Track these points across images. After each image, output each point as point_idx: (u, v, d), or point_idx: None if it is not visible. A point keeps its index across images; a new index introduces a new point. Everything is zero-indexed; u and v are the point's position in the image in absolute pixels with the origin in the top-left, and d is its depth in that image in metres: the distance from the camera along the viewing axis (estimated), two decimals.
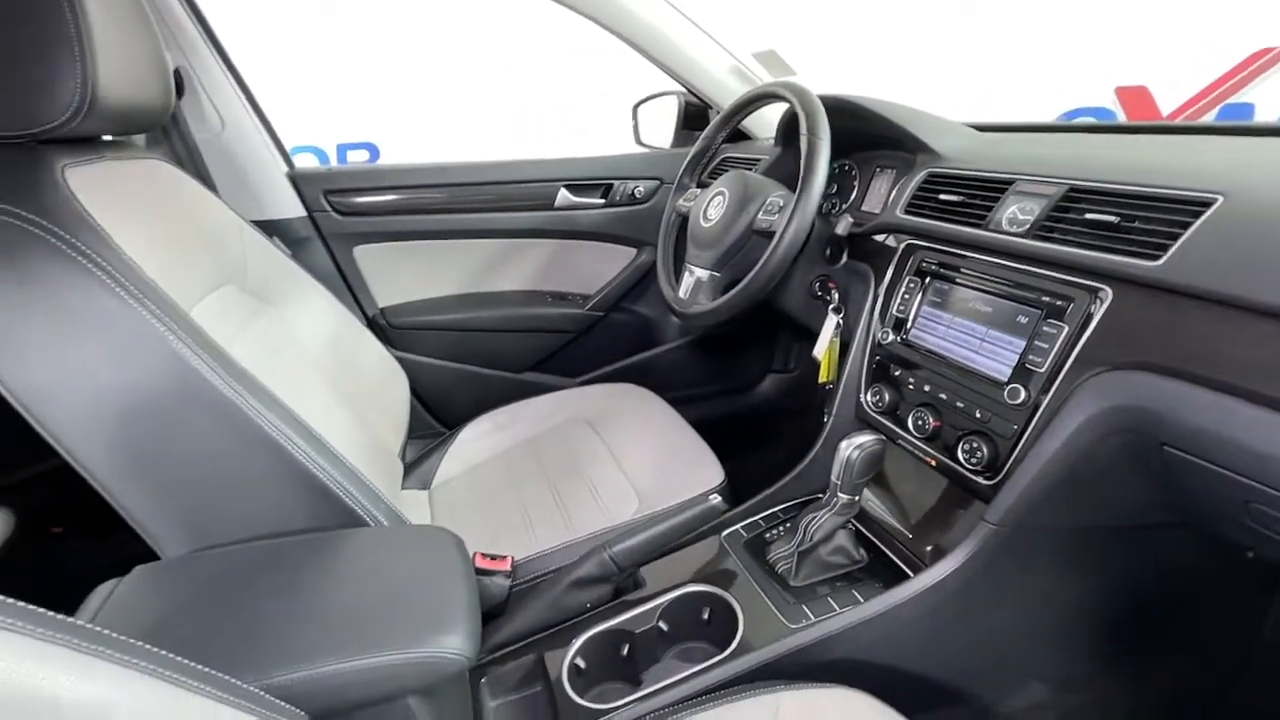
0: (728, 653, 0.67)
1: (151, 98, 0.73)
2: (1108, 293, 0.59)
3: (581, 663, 0.70)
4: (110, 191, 0.65)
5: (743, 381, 1.55)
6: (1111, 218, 0.60)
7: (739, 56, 1.26)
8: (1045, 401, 0.62)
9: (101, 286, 0.56)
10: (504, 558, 0.79)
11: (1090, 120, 2.80)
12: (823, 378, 0.96)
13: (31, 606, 0.31)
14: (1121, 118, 2.84)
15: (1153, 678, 0.80)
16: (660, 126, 1.46)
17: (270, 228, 1.12)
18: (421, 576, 0.58)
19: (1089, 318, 0.60)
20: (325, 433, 0.69)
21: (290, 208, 1.18)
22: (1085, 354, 0.60)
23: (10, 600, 0.31)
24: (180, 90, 1.05)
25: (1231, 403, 0.50)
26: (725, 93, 1.27)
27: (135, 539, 0.64)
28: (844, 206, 1.06)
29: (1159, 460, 0.55)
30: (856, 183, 1.06)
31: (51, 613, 0.32)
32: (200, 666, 0.38)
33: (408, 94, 3.50)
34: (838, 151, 1.03)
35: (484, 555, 0.78)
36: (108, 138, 0.77)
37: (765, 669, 0.65)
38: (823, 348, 0.95)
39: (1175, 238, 0.54)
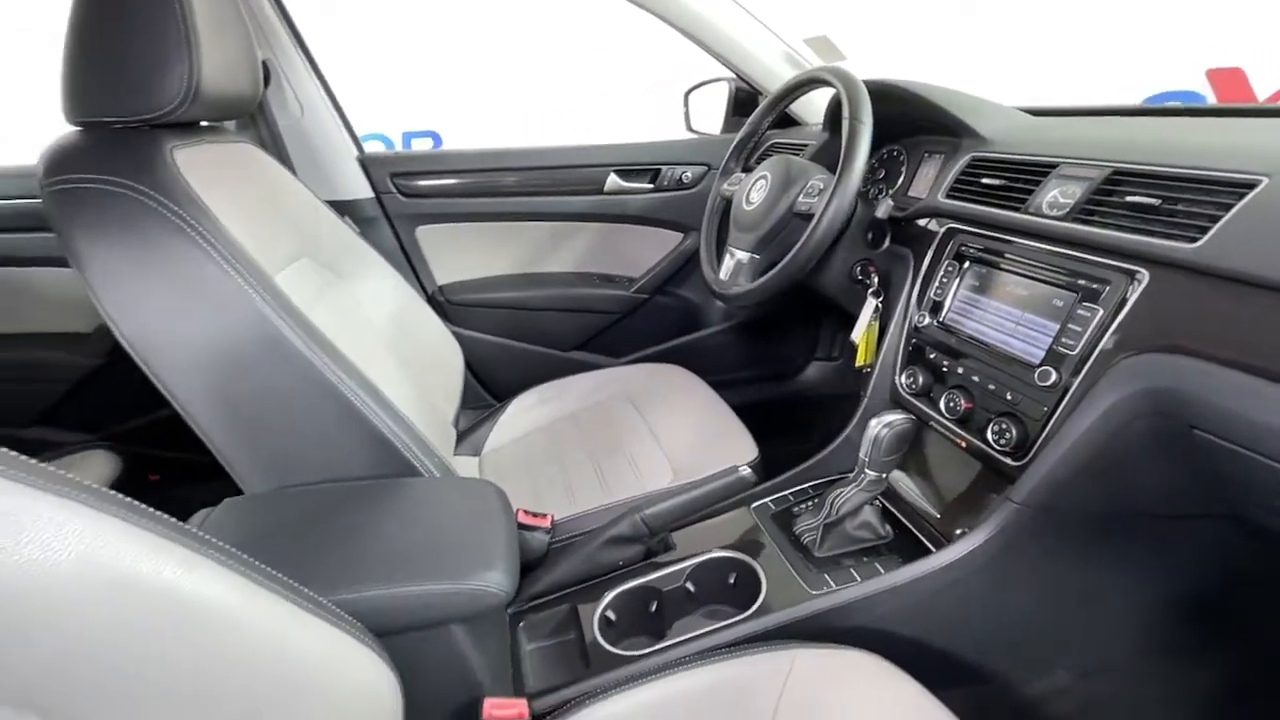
0: (749, 613, 0.70)
1: (244, 88, 0.81)
2: (1144, 275, 0.59)
3: (612, 615, 0.75)
4: (210, 171, 0.73)
5: (785, 368, 1.56)
6: (1153, 200, 0.60)
7: (790, 42, 1.26)
8: (1075, 384, 0.62)
9: (205, 255, 0.64)
10: (545, 515, 0.85)
11: (1180, 104, 2.63)
12: (860, 361, 0.97)
13: (154, 510, 0.38)
14: (1212, 101, 2.65)
15: (1190, 676, 0.78)
16: (710, 113, 1.48)
17: (341, 207, 1.21)
18: (468, 521, 0.64)
19: (1124, 301, 0.60)
20: (387, 394, 0.76)
21: (360, 189, 1.27)
22: (1118, 337, 0.60)
23: (139, 504, 0.38)
24: (266, 80, 1.15)
25: (1266, 387, 0.49)
26: (775, 79, 1.28)
27: (225, 486, 0.73)
28: (889, 191, 1.06)
29: (1189, 444, 0.55)
30: (904, 168, 1.05)
31: (167, 516, 0.39)
32: (282, 576, 0.45)
33: (467, 85, 3.61)
34: (886, 137, 1.04)
35: (526, 512, 0.84)
36: (205, 123, 0.87)
37: (784, 630, 0.68)
38: (860, 331, 0.96)
39: (1216, 220, 0.54)
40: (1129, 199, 0.62)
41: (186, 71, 0.69)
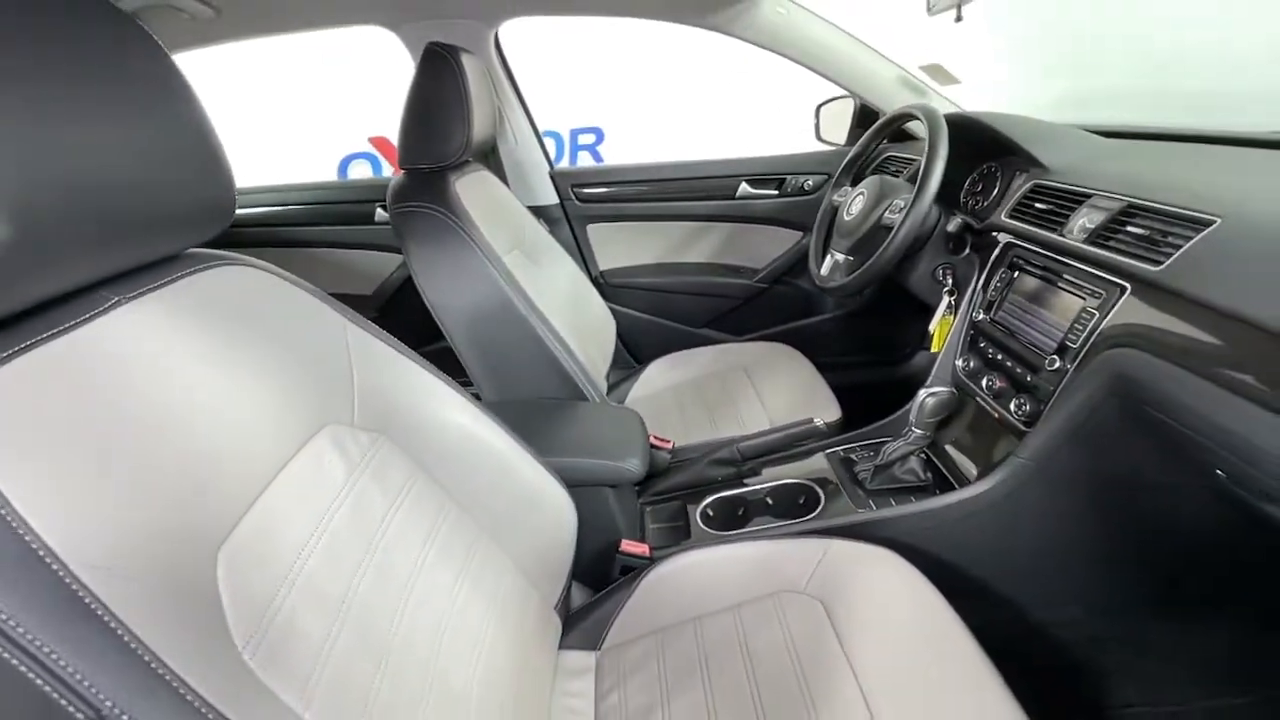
0: (806, 518, 0.98)
1: (489, 134, 1.22)
2: (1128, 289, 0.77)
3: (710, 512, 1.07)
4: (472, 193, 1.14)
5: (893, 355, 1.74)
6: (1145, 231, 0.77)
7: (906, 68, 1.44)
8: (1072, 369, 0.82)
9: (472, 250, 1.04)
10: (668, 440, 1.18)
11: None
12: (934, 348, 1.18)
13: (473, 397, 0.76)
14: None
15: (1190, 627, 0.92)
16: (837, 125, 1.69)
17: (537, 211, 1.62)
18: (619, 428, 0.99)
19: (1112, 308, 0.78)
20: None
21: (550, 197, 1.68)
22: (1104, 335, 0.78)
23: (469, 394, 0.76)
24: None
25: (1189, 377, 0.67)
26: (894, 100, 1.47)
27: None
28: (984, 203, 1.22)
29: (1144, 420, 0.73)
30: (999, 183, 1.22)
31: (481, 401, 0.77)
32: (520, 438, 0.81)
33: (627, 86, 3.98)
34: (985, 155, 1.21)
35: (656, 436, 1.18)
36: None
37: (829, 530, 0.95)
38: (935, 322, 1.16)
39: (1178, 249, 0.71)
40: (1129, 228, 0.79)
41: (465, 131, 1.09)
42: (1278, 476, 0.58)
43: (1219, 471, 0.67)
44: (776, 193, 1.65)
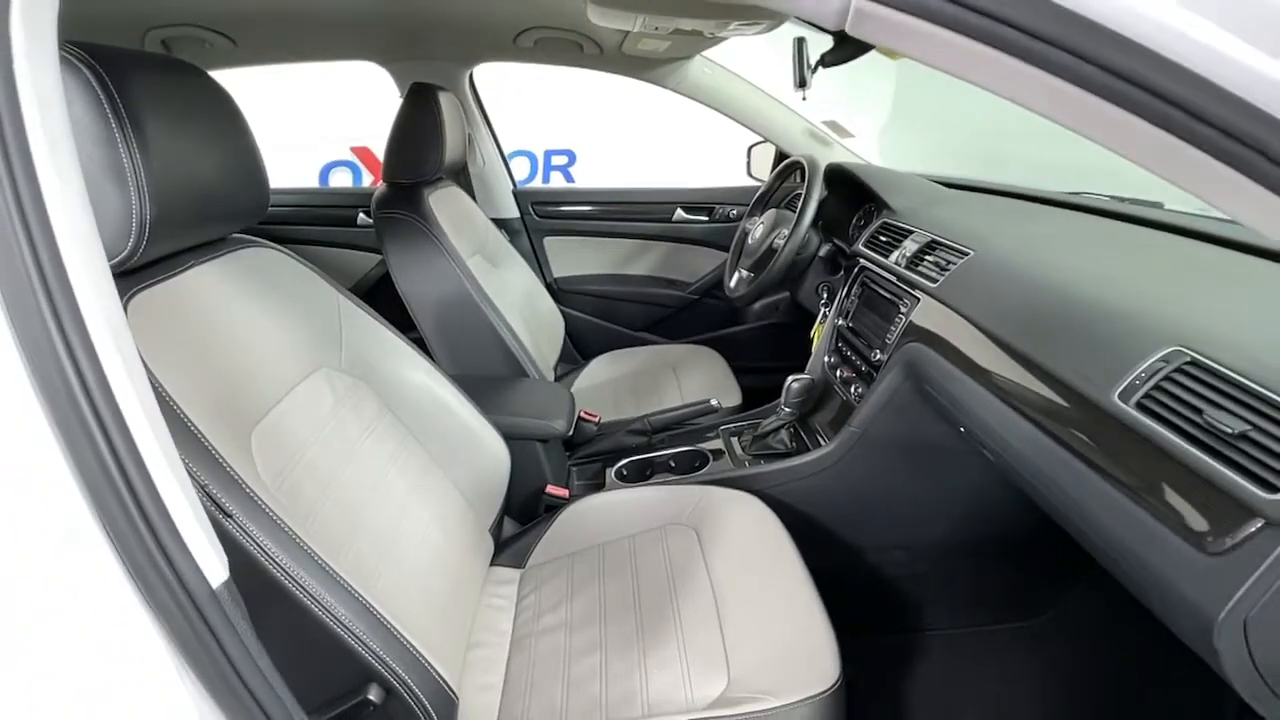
0: (694, 474, 1.24)
1: (459, 156, 1.47)
2: (920, 299, 1.05)
3: (624, 471, 1.31)
4: (441, 205, 1.39)
5: (800, 363, 2.03)
6: (937, 258, 1.06)
7: (812, 122, 1.75)
8: (886, 359, 1.09)
9: (439, 252, 1.29)
10: (596, 415, 1.43)
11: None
12: (813, 348, 1.46)
13: (433, 361, 1.01)
14: None
15: (987, 566, 1.20)
16: (763, 164, 1.99)
17: (500, 223, 1.87)
18: (549, 397, 1.24)
19: (911, 312, 1.06)
20: (520, 335, 1.38)
21: (512, 211, 1.93)
22: (905, 333, 1.06)
23: (432, 360, 1.01)
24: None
25: (946, 363, 0.94)
26: (801, 146, 1.78)
27: None
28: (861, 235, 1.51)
29: (928, 395, 1.01)
30: (875, 219, 1.51)
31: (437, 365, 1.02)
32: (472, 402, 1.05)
33: (602, 112, 4.27)
34: (866, 196, 1.51)
35: (586, 411, 1.43)
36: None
37: (710, 482, 1.20)
38: (814, 328, 1.45)
39: (948, 271, 1.00)
40: (929, 256, 1.08)
41: (438, 154, 1.34)
42: (971, 426, 0.86)
43: (961, 429, 0.95)
44: (707, 219, 1.93)
